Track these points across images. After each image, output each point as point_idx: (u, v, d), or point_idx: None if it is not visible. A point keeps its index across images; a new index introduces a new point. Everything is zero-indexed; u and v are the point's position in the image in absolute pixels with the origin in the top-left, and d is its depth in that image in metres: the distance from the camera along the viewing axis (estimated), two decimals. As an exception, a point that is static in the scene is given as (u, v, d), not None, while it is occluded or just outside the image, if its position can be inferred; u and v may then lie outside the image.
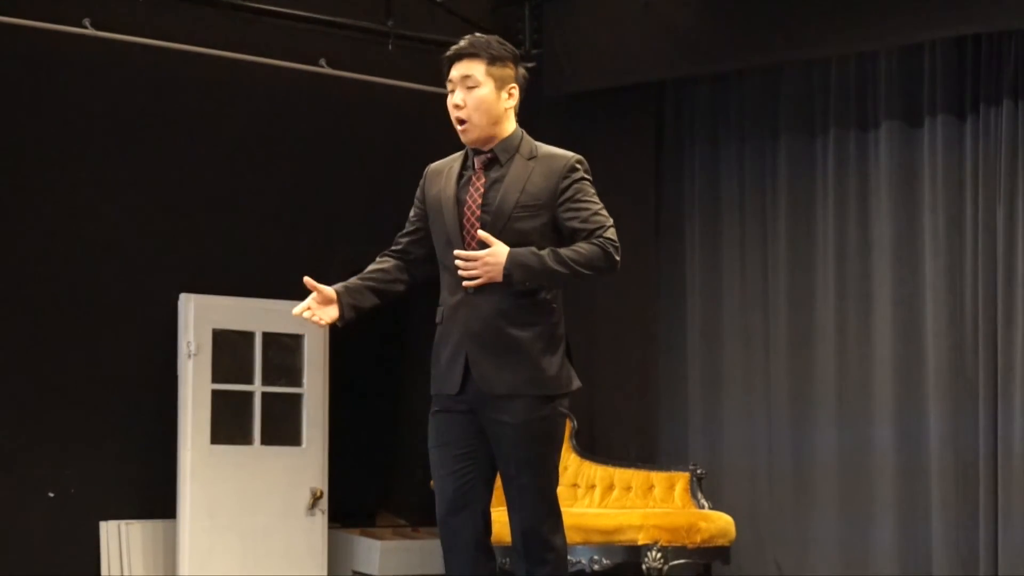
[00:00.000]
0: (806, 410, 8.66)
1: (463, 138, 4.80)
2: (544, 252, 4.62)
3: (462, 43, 4.81)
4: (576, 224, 4.72)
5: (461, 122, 4.77)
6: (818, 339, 8.65)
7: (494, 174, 4.78)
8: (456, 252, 4.65)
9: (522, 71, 4.86)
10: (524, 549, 4.76)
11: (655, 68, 9.03)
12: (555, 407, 4.75)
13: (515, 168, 4.76)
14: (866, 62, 8.56)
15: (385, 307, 5.05)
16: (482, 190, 4.77)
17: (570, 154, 4.82)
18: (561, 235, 4.74)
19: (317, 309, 4.87)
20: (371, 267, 4.98)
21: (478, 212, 4.74)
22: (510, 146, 4.79)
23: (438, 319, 4.82)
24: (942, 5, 8.02)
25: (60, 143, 8.10)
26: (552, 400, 4.73)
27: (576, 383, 4.82)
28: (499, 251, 4.60)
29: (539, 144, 4.84)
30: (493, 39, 4.83)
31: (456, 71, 4.78)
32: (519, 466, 4.72)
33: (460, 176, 4.83)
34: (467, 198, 4.77)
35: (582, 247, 4.67)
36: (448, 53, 4.82)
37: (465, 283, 4.64)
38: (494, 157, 4.79)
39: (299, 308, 4.88)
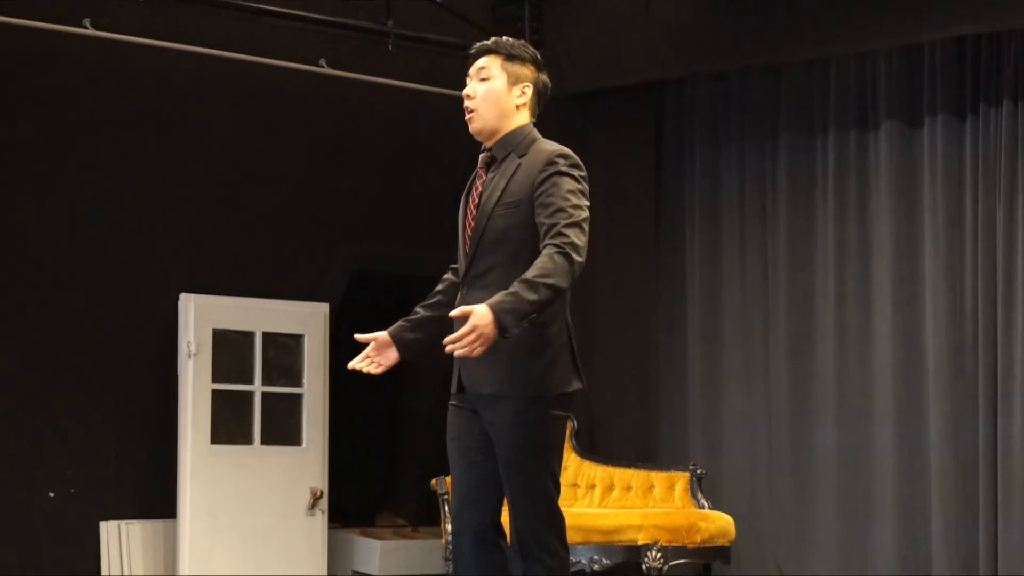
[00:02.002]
0: (806, 410, 8.66)
1: (470, 128, 4.86)
2: (514, 288, 4.46)
3: (486, 41, 4.90)
4: (542, 219, 4.64)
5: (469, 111, 4.83)
6: (818, 339, 8.65)
7: (492, 173, 4.82)
8: (445, 341, 4.48)
9: (543, 77, 4.89)
10: (520, 550, 4.75)
11: (655, 68, 9.03)
12: (547, 410, 4.69)
13: (506, 166, 4.79)
14: (866, 62, 8.56)
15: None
16: (480, 189, 4.82)
17: (555, 148, 4.78)
18: None
19: (375, 357, 4.94)
20: (434, 290, 5.00)
21: (474, 211, 4.79)
22: (508, 144, 4.82)
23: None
24: (942, 5, 8.02)
25: (60, 143, 8.10)
26: (542, 402, 4.68)
27: (574, 385, 4.75)
28: (480, 312, 4.41)
29: (542, 141, 4.83)
30: (518, 42, 4.90)
31: (474, 67, 4.87)
32: (511, 469, 4.71)
33: (473, 179, 4.90)
34: (470, 199, 4.84)
35: (541, 264, 4.51)
36: (472, 50, 4.90)
37: (458, 353, 4.47)
38: (493, 156, 4.83)
39: (355, 362, 4.94)
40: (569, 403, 4.78)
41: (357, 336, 4.93)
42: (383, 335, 4.92)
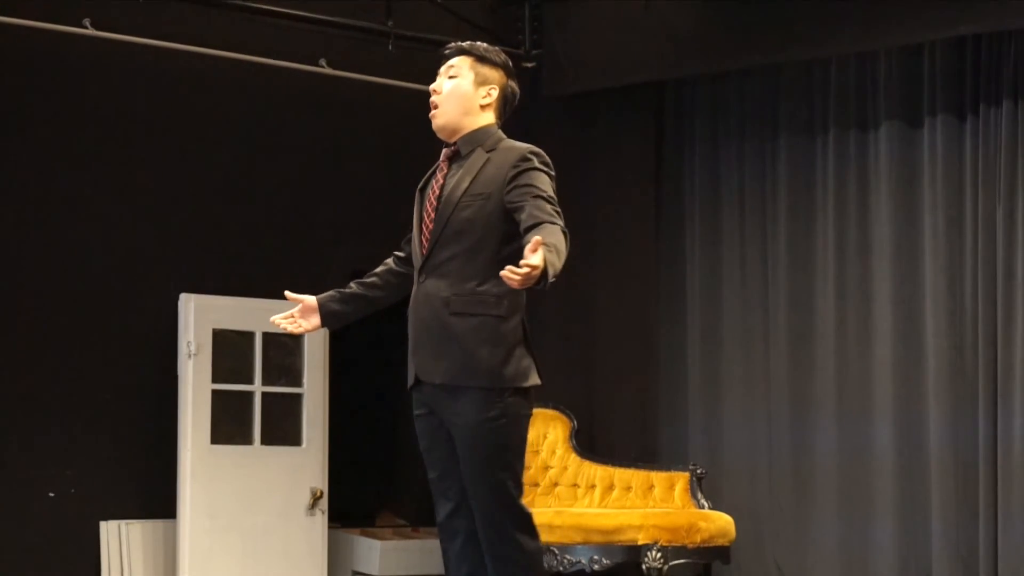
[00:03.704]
0: (806, 410, 8.66)
1: (432, 124, 4.93)
2: (550, 248, 4.39)
3: (459, 43, 5.00)
4: (526, 199, 4.63)
5: (434, 107, 4.91)
6: (818, 339, 8.66)
7: (455, 166, 4.87)
8: (506, 271, 4.35)
9: (512, 84, 4.96)
10: (490, 547, 4.73)
11: (655, 68, 9.03)
12: (506, 406, 4.68)
13: (473, 159, 4.83)
14: (866, 62, 8.56)
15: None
16: (442, 181, 4.87)
17: (527, 146, 4.84)
18: (508, 225, 4.72)
19: (299, 318, 5.11)
20: (372, 271, 5.12)
21: (435, 203, 4.83)
22: (474, 140, 4.87)
23: (407, 313, 4.89)
24: (942, 5, 8.02)
25: (60, 143, 8.10)
26: (500, 398, 4.67)
27: (532, 379, 4.75)
28: (542, 258, 4.35)
29: (509, 140, 4.89)
30: (492, 47, 4.98)
31: (445, 65, 4.95)
32: (474, 466, 4.69)
33: (432, 173, 4.96)
34: (429, 191, 4.89)
35: (556, 236, 4.48)
36: (445, 51, 4.98)
37: (512, 283, 4.38)
38: (458, 150, 4.88)
39: (278, 317, 5.10)
40: (529, 400, 4.76)
41: (287, 294, 5.10)
42: (311, 299, 5.10)
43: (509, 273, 4.30)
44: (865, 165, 8.57)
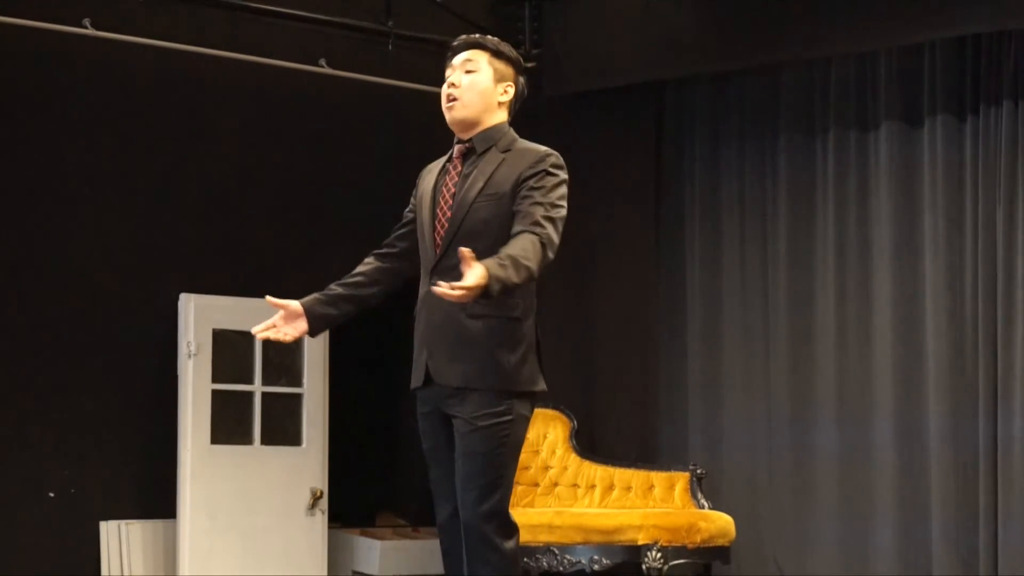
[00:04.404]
0: (806, 410, 8.66)
1: (448, 116, 4.82)
2: (503, 261, 4.41)
3: (471, 36, 4.90)
4: (523, 205, 4.63)
5: (452, 99, 4.81)
6: (818, 339, 8.66)
7: (469, 164, 4.80)
8: (440, 289, 4.36)
9: (521, 80, 4.90)
10: (467, 545, 4.70)
11: (655, 68, 9.03)
12: (512, 406, 4.65)
13: (488, 159, 4.77)
14: (866, 62, 8.57)
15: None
16: (456, 179, 4.79)
17: (544, 149, 4.79)
18: None
19: (282, 326, 4.91)
20: (354, 271, 5.00)
21: (450, 200, 4.76)
22: (489, 138, 4.80)
23: (414, 313, 4.84)
24: (942, 5, 8.02)
25: (59, 143, 8.10)
26: (508, 397, 4.65)
27: (540, 385, 4.72)
28: (481, 274, 4.33)
29: (523, 141, 4.84)
30: (503, 42, 4.91)
31: (459, 58, 4.85)
32: (466, 458, 4.64)
33: (443, 169, 4.88)
34: (442, 188, 4.81)
35: (522, 246, 4.49)
36: (455, 43, 4.89)
37: (450, 297, 4.38)
38: (472, 147, 4.81)
39: (259, 328, 4.90)
40: (533, 404, 4.74)
41: (268, 299, 4.90)
42: (295, 304, 4.91)
43: (440, 291, 4.29)
44: (865, 165, 8.58)
